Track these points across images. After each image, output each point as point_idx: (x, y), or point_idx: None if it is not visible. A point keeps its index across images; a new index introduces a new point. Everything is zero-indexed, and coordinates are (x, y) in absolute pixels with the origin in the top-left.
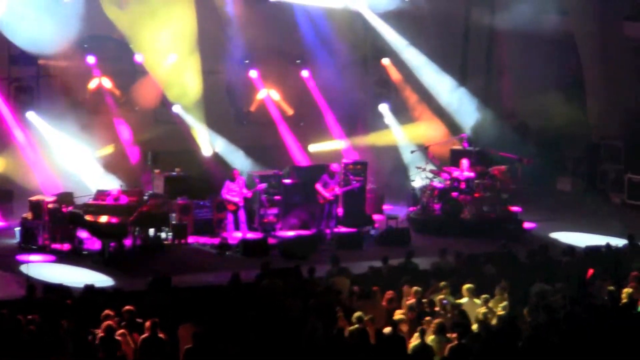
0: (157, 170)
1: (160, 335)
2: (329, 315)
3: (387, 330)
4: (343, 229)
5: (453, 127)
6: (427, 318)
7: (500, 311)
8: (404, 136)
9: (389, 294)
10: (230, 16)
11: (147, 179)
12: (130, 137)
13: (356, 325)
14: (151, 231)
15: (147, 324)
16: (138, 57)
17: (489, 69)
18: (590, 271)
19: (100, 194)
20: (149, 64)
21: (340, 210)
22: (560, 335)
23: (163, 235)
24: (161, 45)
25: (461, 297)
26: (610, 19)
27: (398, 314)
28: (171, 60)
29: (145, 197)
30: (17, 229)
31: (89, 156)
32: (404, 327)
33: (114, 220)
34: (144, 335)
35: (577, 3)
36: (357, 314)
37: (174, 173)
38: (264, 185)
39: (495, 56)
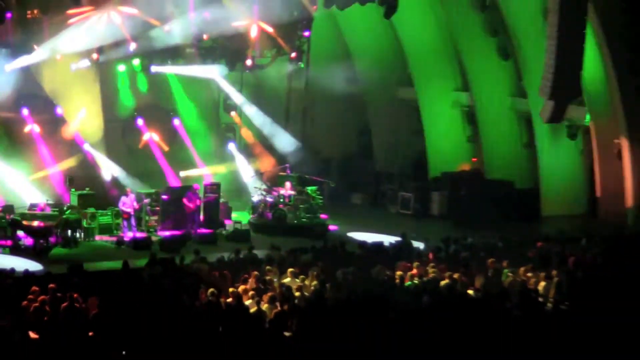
0: (73, 189)
1: (76, 304)
2: (194, 290)
3: (230, 300)
4: (204, 230)
5: (280, 159)
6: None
7: (312, 288)
8: (246, 166)
9: (244, 276)
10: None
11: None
12: (54, 165)
13: (210, 298)
14: (69, 232)
15: (67, 296)
16: (59, 110)
17: (304, 117)
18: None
19: (32, 206)
20: (66, 114)
21: (202, 217)
22: (353, 303)
23: (77, 234)
24: (75, 101)
25: (286, 277)
26: (388, 84)
27: (242, 290)
28: (82, 112)
29: (65, 208)
30: None
31: (24, 179)
32: (247, 299)
33: (42, 224)
34: (64, 304)
35: (364, 71)
36: (211, 290)
37: (84, 191)
38: (147, 200)
39: (309, 108)
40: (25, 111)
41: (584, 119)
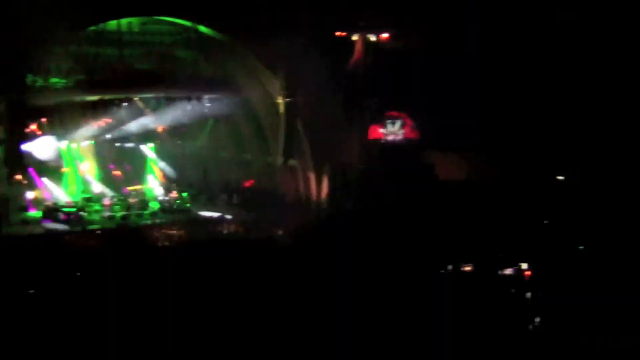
0: (84, 195)
1: (85, 242)
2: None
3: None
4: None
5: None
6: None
7: (183, 234)
8: (156, 184)
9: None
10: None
11: None
12: None
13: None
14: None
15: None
16: (78, 163)
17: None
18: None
19: (64, 202)
20: (83, 165)
21: None
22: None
23: (85, 214)
24: (85, 158)
25: (174, 231)
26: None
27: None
28: (86, 163)
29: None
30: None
31: (60, 190)
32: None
33: (69, 210)
34: (81, 241)
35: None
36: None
37: (87, 195)
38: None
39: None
40: (62, 162)
41: (297, 165)
